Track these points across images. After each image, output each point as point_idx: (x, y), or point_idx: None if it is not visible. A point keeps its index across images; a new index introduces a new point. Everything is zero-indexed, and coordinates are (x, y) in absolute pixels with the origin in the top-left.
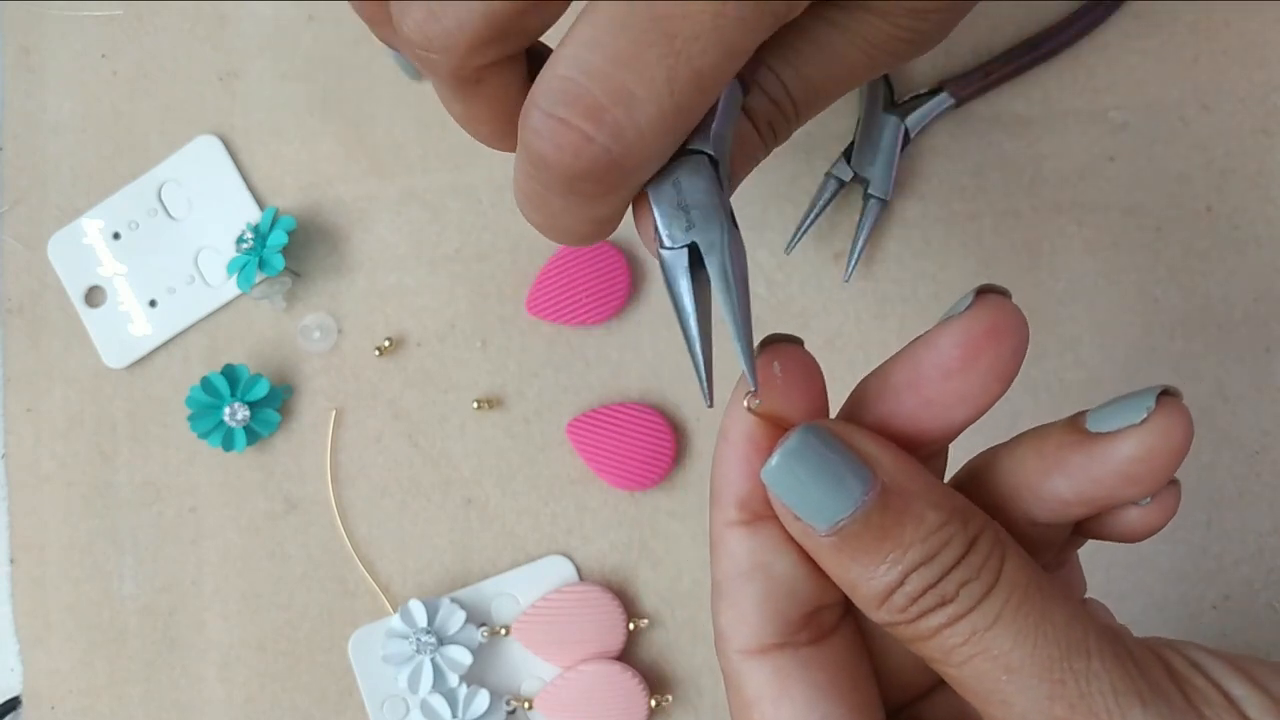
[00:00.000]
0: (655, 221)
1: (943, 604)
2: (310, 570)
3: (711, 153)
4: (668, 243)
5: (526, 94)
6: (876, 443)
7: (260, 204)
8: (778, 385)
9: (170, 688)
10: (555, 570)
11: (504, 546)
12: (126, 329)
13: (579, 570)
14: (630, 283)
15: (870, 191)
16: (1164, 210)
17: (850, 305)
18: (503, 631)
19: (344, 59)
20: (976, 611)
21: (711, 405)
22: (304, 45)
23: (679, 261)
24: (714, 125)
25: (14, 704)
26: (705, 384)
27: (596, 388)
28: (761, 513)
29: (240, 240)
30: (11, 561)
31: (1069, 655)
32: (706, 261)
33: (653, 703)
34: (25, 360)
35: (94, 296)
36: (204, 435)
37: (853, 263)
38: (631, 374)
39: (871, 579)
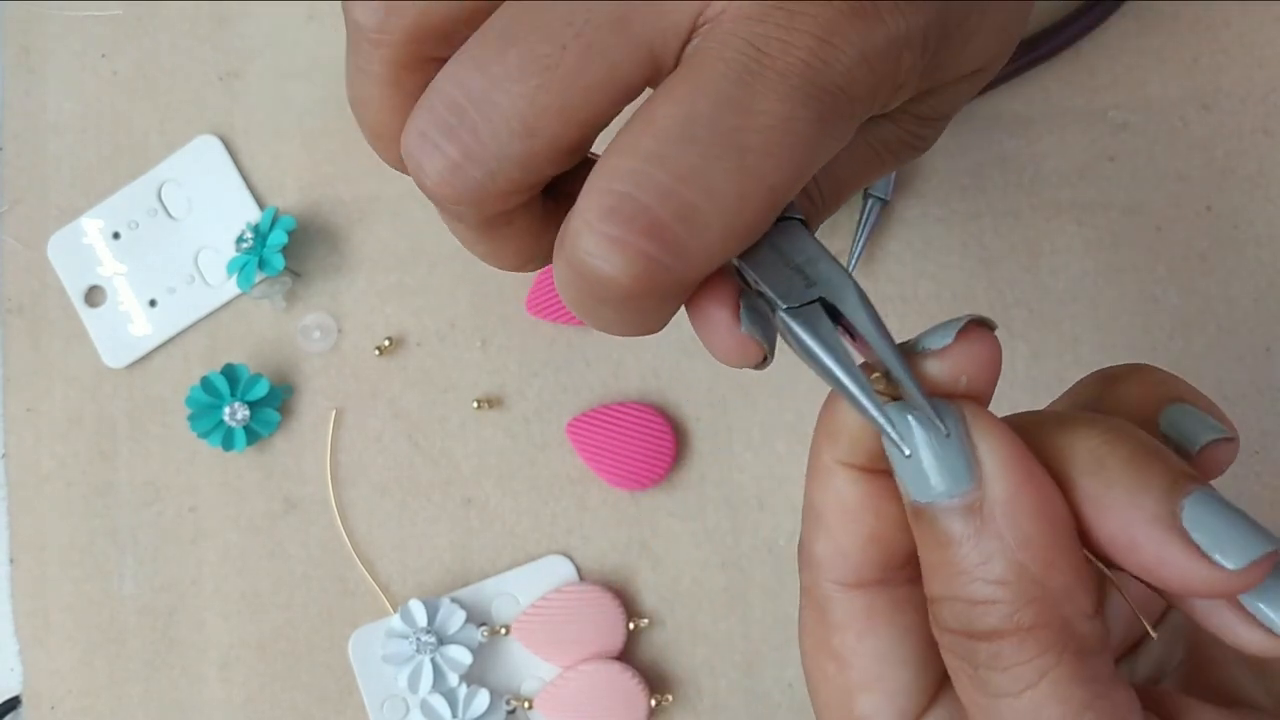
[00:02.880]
0: (763, 290)
1: (967, 660)
2: (310, 570)
3: (801, 217)
4: (784, 304)
5: (552, 215)
6: (1002, 454)
7: (260, 204)
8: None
9: (170, 688)
10: (555, 570)
11: (504, 546)
12: (126, 329)
13: (579, 570)
14: None
15: (870, 191)
16: (1164, 210)
17: None
18: (503, 631)
19: (344, 59)
20: (999, 703)
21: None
22: (304, 45)
23: (813, 317)
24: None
25: (14, 704)
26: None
27: (596, 388)
28: (881, 467)
29: (240, 240)
30: (11, 561)
31: None
32: (845, 311)
33: (653, 703)
34: (25, 360)
35: (94, 296)
36: (204, 435)
37: (853, 263)
38: (631, 374)
39: (929, 571)
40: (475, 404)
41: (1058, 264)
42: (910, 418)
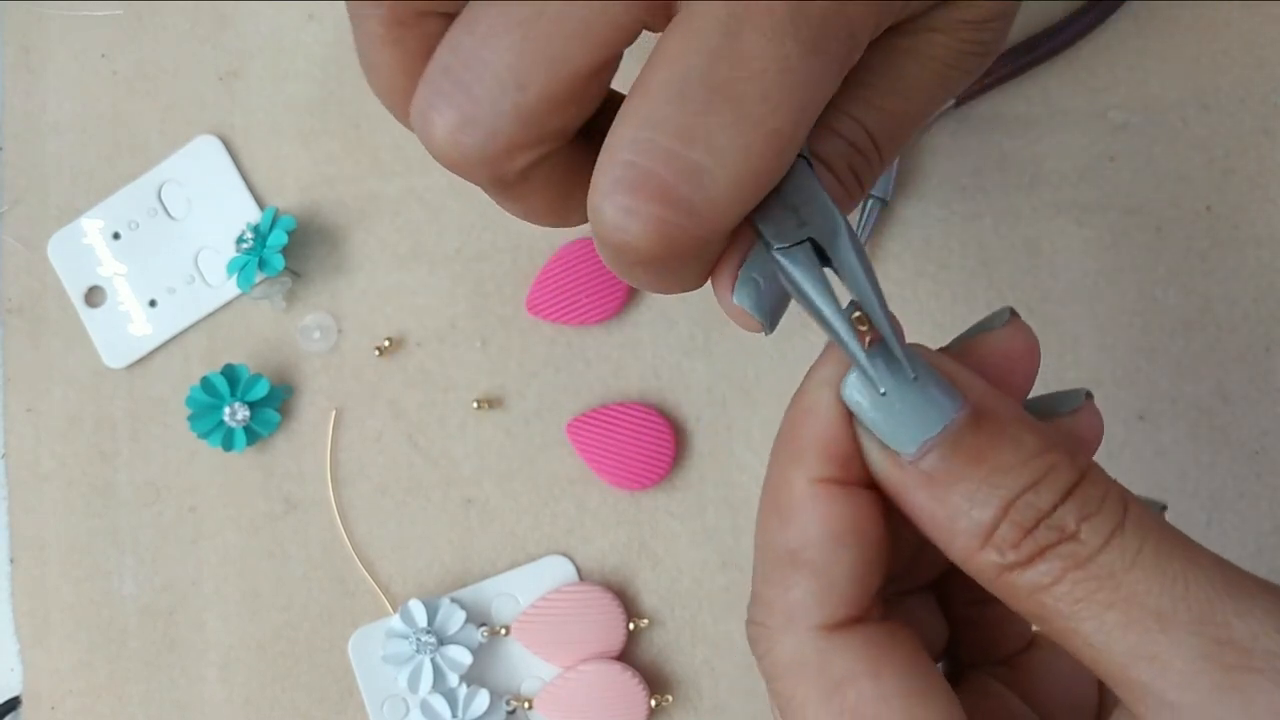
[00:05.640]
0: (758, 230)
1: (1063, 540)
2: (310, 570)
3: (805, 155)
4: (778, 243)
5: (586, 161)
6: (961, 366)
7: (260, 204)
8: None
9: (170, 688)
10: (555, 570)
11: (504, 546)
12: (126, 329)
13: (579, 570)
14: None
15: (870, 191)
16: (1164, 210)
17: None
18: (503, 631)
19: (344, 59)
20: (1109, 551)
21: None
22: (304, 45)
23: (803, 257)
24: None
25: (14, 704)
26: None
27: (596, 388)
28: (860, 477)
29: (240, 240)
30: (11, 561)
31: (1229, 595)
32: (831, 250)
33: (653, 703)
34: (25, 360)
35: (94, 296)
36: (204, 435)
37: None
38: (631, 374)
39: (970, 511)
40: (475, 404)
41: (1058, 264)
42: (897, 356)
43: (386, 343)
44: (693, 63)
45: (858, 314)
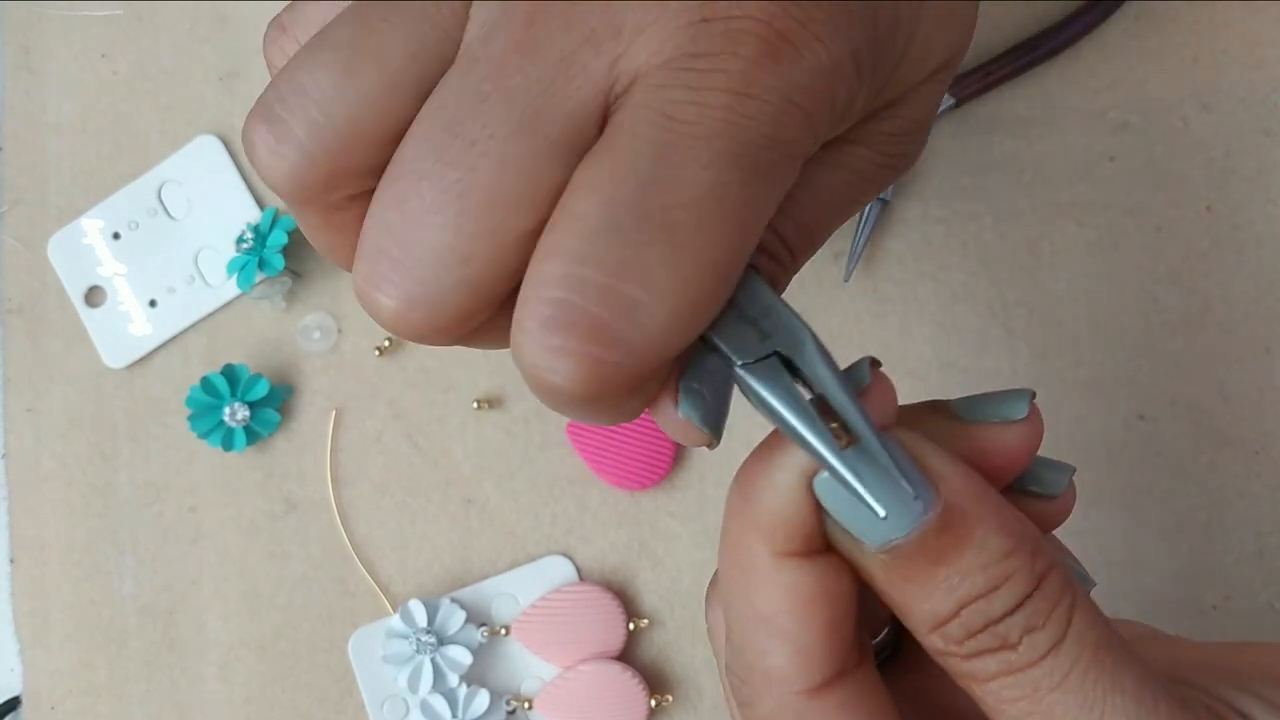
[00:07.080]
0: (719, 346)
1: (1003, 648)
2: (310, 570)
3: (753, 265)
4: (740, 359)
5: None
6: (944, 457)
7: (260, 204)
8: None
9: (170, 688)
10: (555, 570)
11: (504, 546)
12: (126, 329)
13: (579, 570)
14: None
15: None
16: (1164, 210)
17: (850, 305)
18: (503, 631)
19: None
20: (1040, 667)
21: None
22: None
23: (770, 372)
24: None
25: (14, 704)
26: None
27: None
28: (824, 545)
29: (240, 240)
30: (11, 561)
31: None
32: (799, 361)
33: (653, 703)
34: (25, 360)
35: (94, 296)
36: (204, 435)
37: (853, 263)
38: None
39: (924, 604)
40: (475, 404)
41: (1058, 264)
42: (870, 456)
43: (386, 343)
44: (622, 192)
45: (834, 424)
